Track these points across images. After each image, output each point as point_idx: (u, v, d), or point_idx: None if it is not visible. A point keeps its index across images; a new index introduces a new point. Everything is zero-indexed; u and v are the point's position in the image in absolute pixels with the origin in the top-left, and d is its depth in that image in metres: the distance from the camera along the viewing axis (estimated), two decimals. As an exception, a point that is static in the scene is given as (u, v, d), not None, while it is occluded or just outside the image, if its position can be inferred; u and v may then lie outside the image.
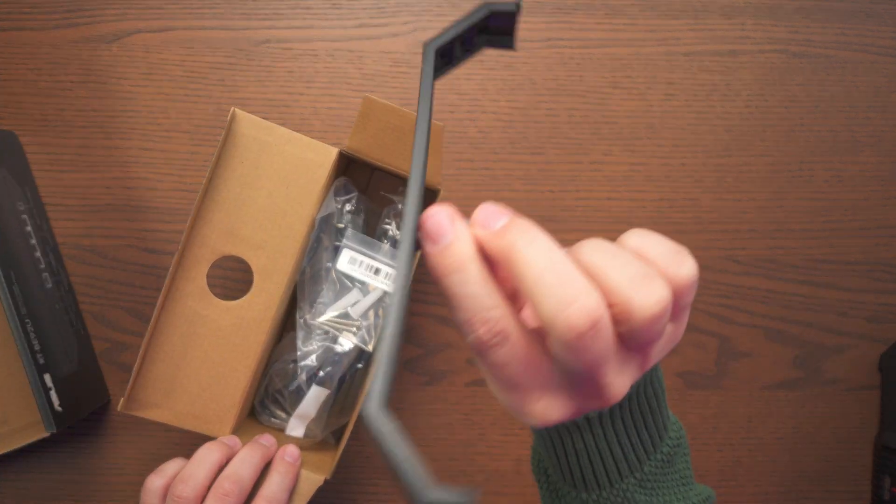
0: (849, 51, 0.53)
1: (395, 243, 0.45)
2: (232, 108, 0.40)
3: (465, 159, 0.51)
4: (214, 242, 0.41)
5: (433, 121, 0.37)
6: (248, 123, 0.40)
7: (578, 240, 0.20)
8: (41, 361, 0.43)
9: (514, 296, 0.22)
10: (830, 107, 0.53)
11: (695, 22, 0.52)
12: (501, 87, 0.52)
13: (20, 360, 0.42)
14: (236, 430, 0.43)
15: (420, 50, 0.52)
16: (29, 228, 0.47)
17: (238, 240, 0.41)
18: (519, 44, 0.52)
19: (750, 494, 0.51)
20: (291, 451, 0.42)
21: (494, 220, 0.19)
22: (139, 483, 0.50)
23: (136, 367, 0.40)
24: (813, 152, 0.52)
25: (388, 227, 0.46)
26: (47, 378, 0.43)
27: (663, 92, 0.52)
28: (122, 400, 0.40)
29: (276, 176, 0.41)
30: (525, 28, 0.52)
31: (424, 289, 0.51)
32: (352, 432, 0.43)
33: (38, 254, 0.47)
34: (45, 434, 0.43)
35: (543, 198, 0.51)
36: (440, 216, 0.20)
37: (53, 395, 0.43)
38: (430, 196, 0.46)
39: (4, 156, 0.47)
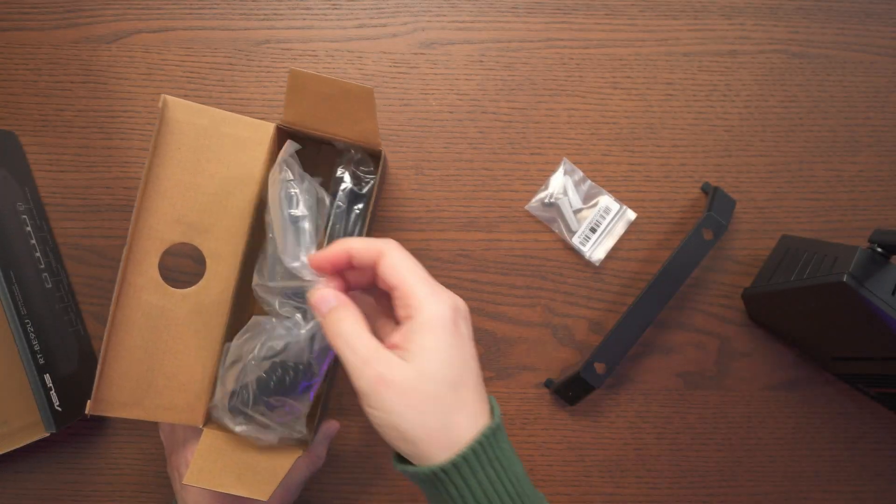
0: (848, 51, 0.53)
1: (352, 194, 0.44)
2: (162, 95, 0.39)
3: (465, 159, 0.51)
4: (162, 232, 0.40)
5: (363, 84, 0.38)
6: (182, 109, 0.40)
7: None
8: (41, 361, 0.43)
9: None
10: (830, 107, 0.53)
11: (694, 22, 0.52)
12: (501, 88, 0.52)
13: (20, 360, 0.43)
14: (208, 417, 0.42)
15: (419, 51, 0.52)
16: (29, 228, 0.47)
17: (186, 226, 0.40)
18: (519, 44, 0.52)
19: (750, 494, 0.51)
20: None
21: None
22: (139, 483, 0.50)
23: (99, 367, 0.39)
24: (812, 152, 0.52)
25: (342, 175, 0.44)
26: (47, 378, 0.43)
27: (663, 92, 0.52)
28: (88, 402, 0.39)
29: (216, 158, 0.41)
30: (525, 28, 0.52)
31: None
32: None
33: (38, 254, 0.47)
34: (45, 434, 0.43)
35: (543, 198, 0.51)
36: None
37: (53, 395, 0.43)
38: (375, 158, 0.45)
39: (4, 156, 0.47)
